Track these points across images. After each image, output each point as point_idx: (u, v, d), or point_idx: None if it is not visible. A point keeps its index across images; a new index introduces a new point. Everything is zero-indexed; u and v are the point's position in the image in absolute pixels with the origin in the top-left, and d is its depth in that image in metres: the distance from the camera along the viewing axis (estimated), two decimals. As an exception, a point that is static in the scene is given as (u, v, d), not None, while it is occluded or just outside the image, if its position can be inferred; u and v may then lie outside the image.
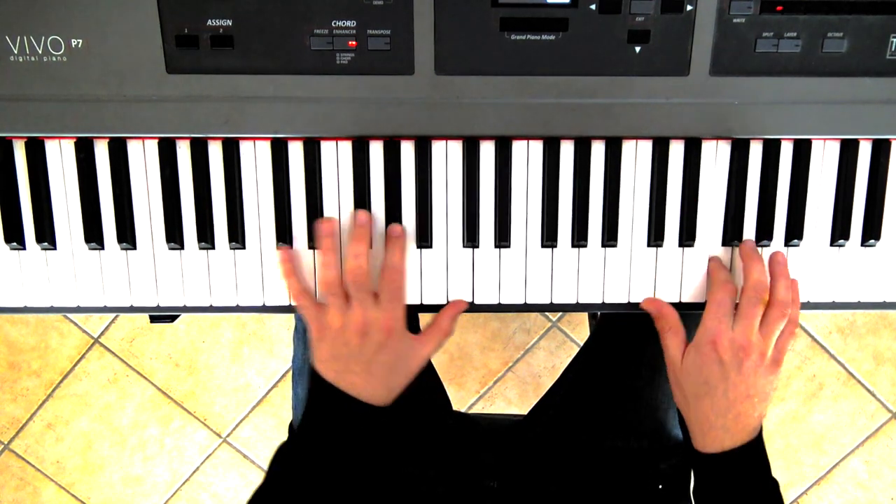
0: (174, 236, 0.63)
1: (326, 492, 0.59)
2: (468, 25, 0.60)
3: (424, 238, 0.64)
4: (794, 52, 0.60)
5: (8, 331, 1.52)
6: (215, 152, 0.63)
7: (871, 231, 0.65)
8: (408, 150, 0.63)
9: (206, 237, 0.64)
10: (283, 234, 0.64)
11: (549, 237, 0.64)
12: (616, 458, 0.78)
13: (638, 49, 0.60)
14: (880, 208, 0.65)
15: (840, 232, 0.65)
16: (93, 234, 0.63)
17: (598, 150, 0.63)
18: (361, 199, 0.63)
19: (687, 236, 0.64)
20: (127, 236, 0.63)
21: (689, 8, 0.59)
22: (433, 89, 0.61)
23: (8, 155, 0.62)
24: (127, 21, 0.59)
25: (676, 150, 0.64)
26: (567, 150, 0.63)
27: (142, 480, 1.62)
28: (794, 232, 0.65)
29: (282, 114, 0.61)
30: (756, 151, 0.64)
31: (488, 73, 0.61)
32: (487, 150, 0.63)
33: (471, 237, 0.64)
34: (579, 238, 0.64)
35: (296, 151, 0.63)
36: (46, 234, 0.63)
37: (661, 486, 0.77)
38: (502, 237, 0.64)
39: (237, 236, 0.64)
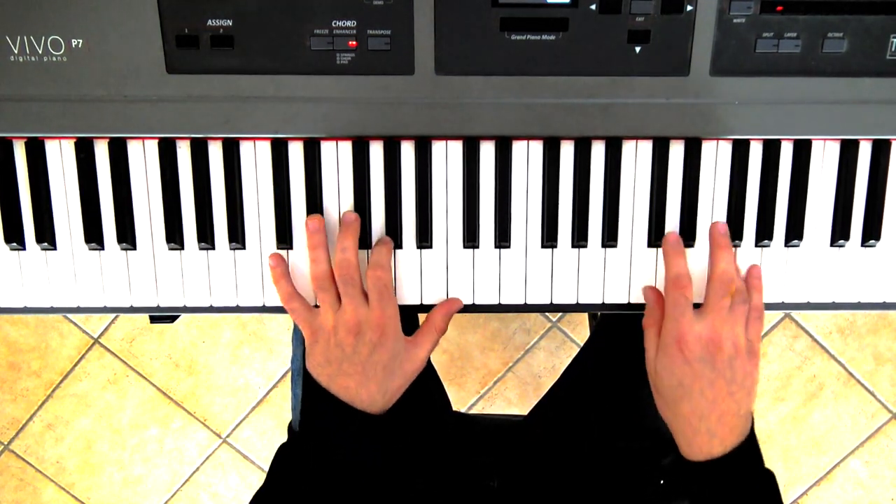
0: (174, 236, 0.63)
1: (324, 496, 0.58)
2: (468, 25, 0.60)
3: (424, 238, 0.64)
4: (794, 52, 0.60)
5: (8, 331, 1.52)
6: (215, 152, 0.63)
7: (872, 231, 0.65)
8: (408, 151, 0.63)
9: (206, 237, 0.64)
10: (283, 235, 0.64)
11: (549, 237, 0.64)
12: (616, 458, 0.78)
13: (638, 49, 0.60)
14: (880, 208, 0.65)
15: (840, 232, 0.65)
16: (93, 235, 0.63)
17: (598, 150, 0.63)
18: (361, 199, 0.63)
19: (687, 237, 0.64)
20: (127, 236, 0.63)
21: (689, 8, 0.59)
22: (433, 89, 0.61)
23: (8, 155, 0.62)
24: (127, 21, 0.59)
25: (676, 150, 0.64)
26: (567, 150, 0.63)
27: (142, 480, 1.62)
28: (794, 232, 0.65)
29: (282, 114, 0.61)
30: (756, 151, 0.64)
31: (488, 73, 0.61)
32: (487, 151, 0.63)
33: (471, 237, 0.64)
34: (579, 238, 0.64)
35: (296, 151, 0.63)
36: (46, 235, 0.63)
37: (662, 482, 0.77)
38: (502, 237, 0.64)
39: (237, 236, 0.64)
